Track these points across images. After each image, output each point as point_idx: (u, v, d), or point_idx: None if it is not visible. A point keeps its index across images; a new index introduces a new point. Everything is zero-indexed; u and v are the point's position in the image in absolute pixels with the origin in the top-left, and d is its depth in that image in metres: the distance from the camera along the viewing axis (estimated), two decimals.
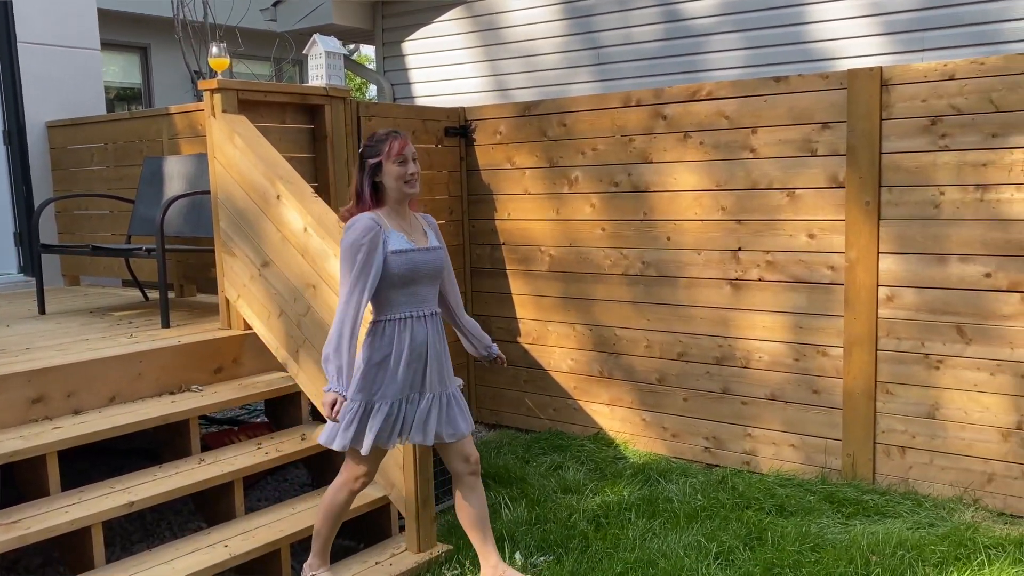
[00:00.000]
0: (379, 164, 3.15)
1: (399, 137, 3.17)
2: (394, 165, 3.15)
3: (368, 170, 3.16)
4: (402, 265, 3.14)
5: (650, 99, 4.79)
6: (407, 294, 3.20)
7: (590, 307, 5.20)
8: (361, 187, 3.18)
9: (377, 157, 3.15)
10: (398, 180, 3.16)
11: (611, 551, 3.74)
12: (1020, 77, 3.77)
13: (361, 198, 3.19)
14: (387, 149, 3.14)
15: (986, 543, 3.56)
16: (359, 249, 3.07)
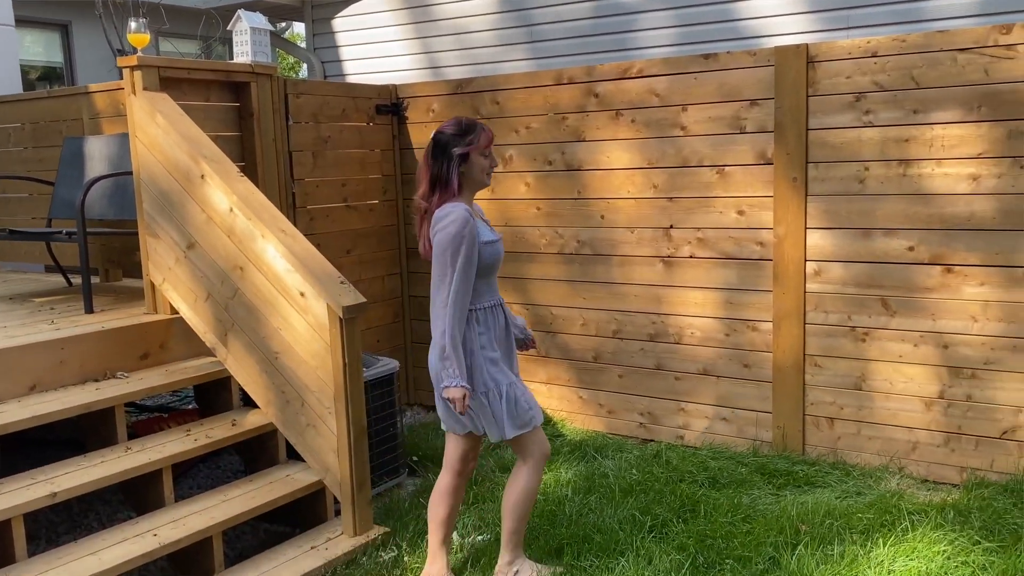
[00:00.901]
0: (466, 155, 3.11)
1: (486, 129, 3.17)
2: (481, 157, 3.15)
3: (456, 159, 3.11)
4: (491, 255, 3.16)
5: (582, 77, 4.78)
6: (489, 283, 3.23)
7: (526, 286, 5.20)
8: (449, 176, 3.11)
9: (466, 148, 3.11)
10: (482, 172, 3.16)
11: (548, 528, 3.76)
12: (939, 54, 3.85)
13: (448, 188, 3.12)
14: (477, 141, 3.12)
15: (910, 509, 3.66)
16: (462, 241, 3.03)
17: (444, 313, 3.09)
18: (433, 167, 3.14)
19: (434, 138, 3.16)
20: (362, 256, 5.37)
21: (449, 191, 3.11)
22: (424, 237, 3.20)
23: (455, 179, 3.10)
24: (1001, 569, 3.12)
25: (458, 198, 3.12)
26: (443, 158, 3.12)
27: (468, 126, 3.15)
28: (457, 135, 3.12)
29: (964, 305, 3.95)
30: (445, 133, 3.15)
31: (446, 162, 3.11)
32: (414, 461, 4.64)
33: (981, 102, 3.80)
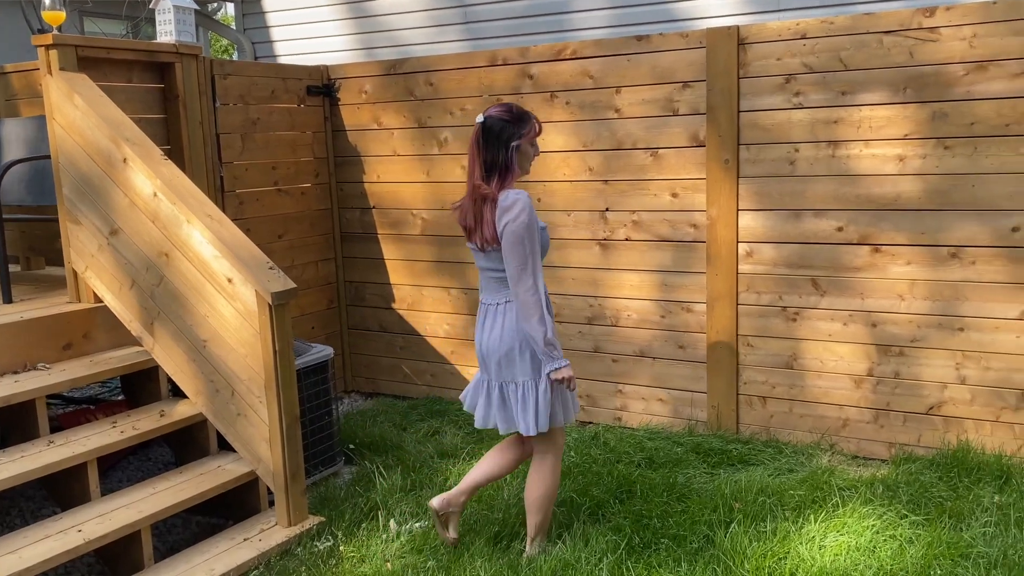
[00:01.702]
0: (520, 144, 3.14)
1: (535, 119, 3.20)
2: (530, 147, 3.18)
3: (513, 148, 3.12)
4: (545, 241, 3.20)
5: (516, 58, 4.74)
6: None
7: (465, 271, 5.16)
8: (509, 163, 3.13)
9: (520, 138, 3.13)
10: (528, 161, 3.20)
11: (486, 513, 3.74)
12: (866, 36, 3.90)
13: (510, 175, 3.14)
14: (529, 131, 3.15)
15: (840, 485, 3.73)
16: (534, 227, 3.07)
17: (533, 300, 3.08)
18: (487, 153, 3.13)
19: (486, 124, 3.14)
20: (294, 241, 5.27)
21: (511, 178, 3.14)
22: (488, 223, 3.12)
23: (515, 166, 3.14)
24: (927, 542, 3.20)
25: (513, 183, 3.17)
26: (499, 145, 3.12)
27: (522, 115, 3.17)
28: (512, 123, 3.13)
29: (891, 284, 4.03)
30: (498, 120, 3.13)
31: (503, 149, 3.12)
32: (351, 449, 4.58)
33: (906, 84, 3.86)
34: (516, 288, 3.10)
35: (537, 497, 3.32)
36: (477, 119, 3.15)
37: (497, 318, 3.24)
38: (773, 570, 3.12)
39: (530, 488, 3.34)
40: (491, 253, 3.18)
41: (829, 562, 3.14)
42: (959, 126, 3.79)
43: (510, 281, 3.12)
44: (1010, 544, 3.12)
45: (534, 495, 3.33)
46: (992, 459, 3.83)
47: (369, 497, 3.98)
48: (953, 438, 4.00)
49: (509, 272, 3.10)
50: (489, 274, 3.25)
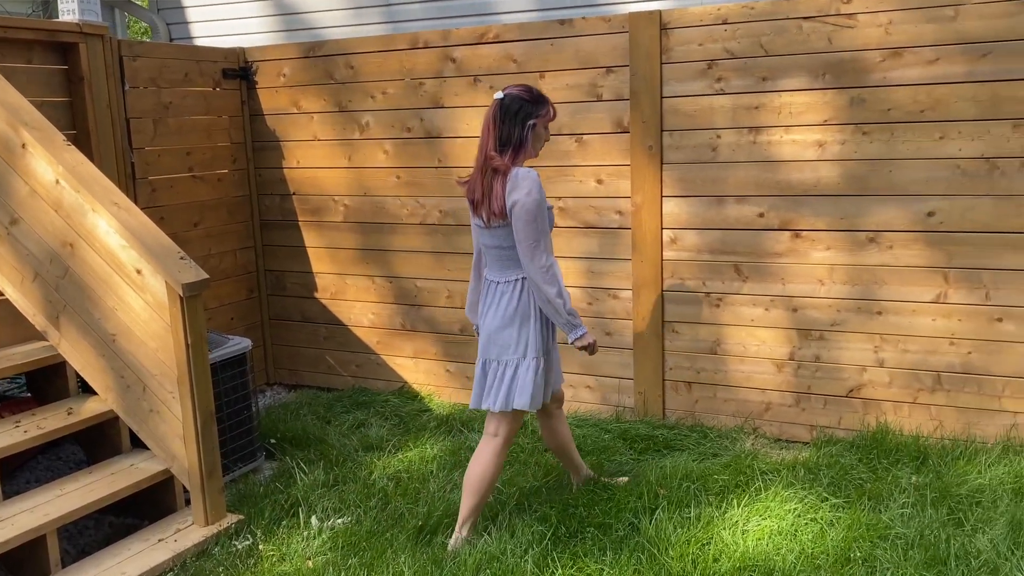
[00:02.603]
0: (535, 124, 3.19)
1: (551, 103, 3.25)
2: (544, 129, 3.24)
3: (529, 127, 3.17)
4: (551, 221, 3.24)
5: (438, 41, 4.64)
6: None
7: (389, 259, 5.05)
8: (524, 141, 3.18)
9: (537, 118, 3.19)
10: (540, 142, 3.26)
11: (411, 506, 3.67)
12: (786, 22, 3.91)
13: (523, 152, 3.19)
14: (546, 113, 3.21)
15: (763, 469, 3.76)
16: (540, 206, 3.10)
17: (548, 276, 3.13)
18: (503, 129, 3.17)
19: (504, 101, 3.18)
20: (211, 229, 5.09)
21: (523, 155, 3.19)
22: (497, 196, 3.13)
23: (529, 144, 3.20)
24: (847, 524, 3.24)
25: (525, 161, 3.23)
26: (515, 122, 3.17)
27: (540, 96, 3.21)
28: (531, 102, 3.18)
29: (811, 269, 4.07)
30: (517, 98, 3.18)
31: (519, 126, 3.17)
32: (272, 444, 4.45)
33: (825, 70, 3.89)
34: (530, 265, 3.12)
35: (477, 477, 3.31)
36: (496, 96, 3.19)
37: (496, 297, 3.26)
38: (697, 557, 3.13)
39: (472, 467, 3.33)
40: (496, 229, 3.17)
41: (752, 547, 3.16)
42: (876, 112, 3.83)
43: (523, 258, 3.13)
44: (926, 524, 3.18)
45: (475, 475, 3.32)
46: (910, 440, 3.91)
47: (290, 493, 3.87)
48: (872, 420, 4.07)
49: (522, 250, 3.12)
50: (493, 251, 3.24)
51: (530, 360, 3.21)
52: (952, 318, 3.87)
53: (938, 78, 3.72)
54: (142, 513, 3.78)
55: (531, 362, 3.21)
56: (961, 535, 3.12)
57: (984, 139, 3.69)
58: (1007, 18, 3.58)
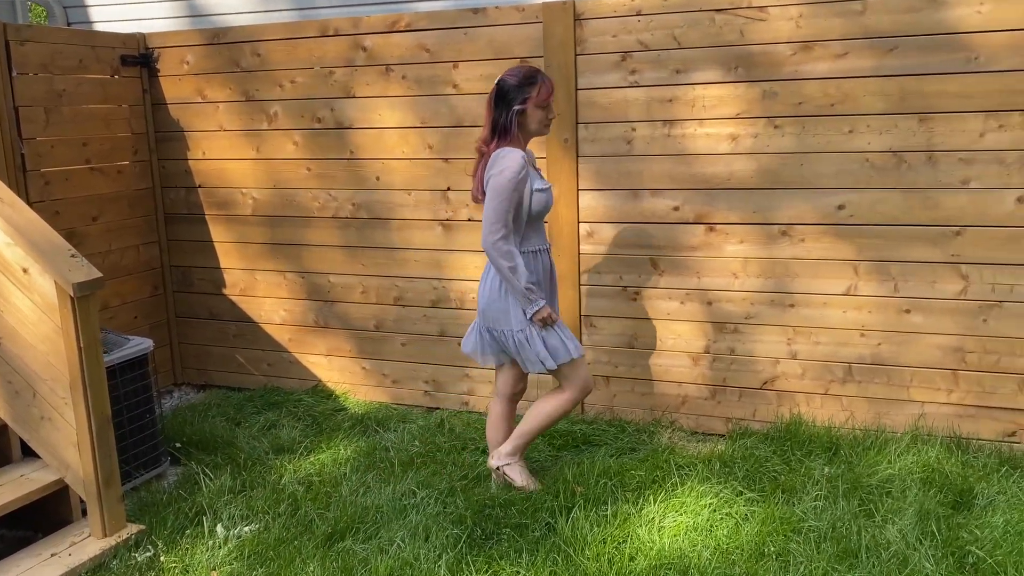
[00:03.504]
0: (525, 108, 3.25)
1: (546, 82, 3.29)
2: (539, 110, 3.28)
3: (515, 111, 3.26)
4: (541, 203, 3.33)
5: (348, 29, 4.49)
6: (536, 228, 3.41)
7: (300, 253, 4.89)
8: (508, 124, 3.27)
9: (524, 101, 3.25)
10: (539, 124, 3.31)
11: (322, 511, 3.55)
12: (698, 14, 3.89)
13: (507, 135, 3.28)
14: (535, 94, 3.24)
15: (680, 463, 3.76)
16: (515, 185, 3.20)
17: (500, 252, 3.24)
18: (495, 114, 3.29)
19: (498, 85, 3.30)
20: (111, 224, 4.84)
21: (507, 139, 3.28)
22: (479, 180, 3.33)
23: (514, 129, 3.27)
24: (761, 518, 3.24)
25: (517, 144, 3.29)
26: (502, 108, 3.28)
27: (528, 78, 3.27)
28: (518, 86, 3.26)
29: (726, 262, 4.07)
30: (508, 83, 3.28)
31: (504, 112, 3.27)
32: (177, 448, 4.26)
33: (738, 63, 3.88)
34: (486, 239, 3.25)
35: (540, 412, 3.54)
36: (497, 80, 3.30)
37: (487, 272, 3.44)
38: (613, 556, 3.09)
39: (539, 403, 3.57)
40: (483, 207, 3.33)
41: (668, 544, 3.14)
42: (788, 105, 3.85)
43: (483, 231, 3.25)
44: (838, 517, 3.21)
45: (538, 409, 3.55)
46: (822, 431, 3.96)
47: (195, 500, 3.71)
48: (786, 412, 4.11)
49: (483, 222, 3.25)
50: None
51: (528, 330, 3.36)
52: (862, 310, 3.92)
53: (847, 72, 3.75)
54: (36, 525, 3.57)
55: (530, 330, 3.36)
56: (872, 526, 3.16)
57: (892, 133, 3.74)
58: (913, 13, 3.62)
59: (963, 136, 3.65)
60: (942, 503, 3.27)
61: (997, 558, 2.86)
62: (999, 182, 3.63)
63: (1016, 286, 3.68)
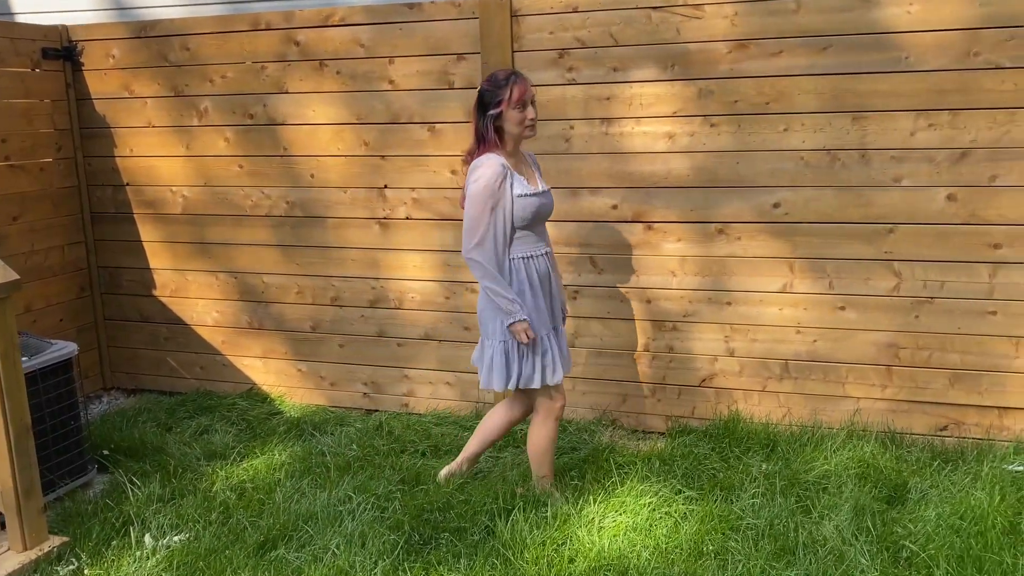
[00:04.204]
0: (500, 112, 3.19)
1: (518, 82, 3.20)
2: (514, 111, 3.20)
3: (490, 116, 3.21)
4: (525, 208, 3.22)
5: (281, 23, 4.38)
6: (527, 235, 3.29)
7: (233, 253, 4.76)
8: (485, 131, 3.23)
9: (498, 105, 3.19)
10: (519, 125, 3.22)
11: (255, 519, 3.45)
12: (635, 12, 3.88)
13: (487, 143, 3.23)
14: (507, 96, 3.17)
15: (620, 462, 3.74)
16: (491, 192, 3.16)
17: (477, 261, 3.21)
18: (476, 122, 3.26)
19: (477, 92, 3.27)
20: (34, 223, 4.65)
21: (487, 146, 3.23)
22: (463, 187, 3.31)
23: (491, 134, 3.22)
24: (700, 516, 3.24)
25: (499, 150, 3.23)
26: (479, 115, 3.24)
27: (500, 81, 3.21)
28: (489, 90, 3.22)
29: (664, 261, 4.07)
30: (483, 88, 3.25)
31: (481, 119, 3.23)
32: (105, 456, 4.11)
33: (674, 61, 3.88)
34: (464, 246, 3.22)
35: (532, 452, 3.48)
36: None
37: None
38: (552, 559, 3.06)
39: (528, 443, 3.51)
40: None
41: (607, 545, 3.11)
42: (724, 104, 3.85)
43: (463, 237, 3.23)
44: (776, 514, 3.22)
45: (530, 450, 3.49)
46: (760, 428, 3.98)
47: (122, 510, 3.58)
48: (724, 409, 4.12)
49: (464, 228, 3.23)
50: None
51: (497, 342, 3.30)
52: (798, 307, 3.95)
53: (782, 70, 3.77)
54: None
55: (498, 344, 3.30)
56: (809, 523, 3.18)
57: (826, 131, 3.77)
58: (845, 13, 3.66)
59: (895, 135, 3.69)
60: (877, 498, 3.31)
61: (930, 552, 2.90)
62: (929, 180, 3.69)
63: (947, 282, 3.74)
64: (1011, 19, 3.48)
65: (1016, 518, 3.09)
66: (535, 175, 3.39)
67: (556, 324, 3.44)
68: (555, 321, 3.44)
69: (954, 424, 3.85)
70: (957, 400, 3.82)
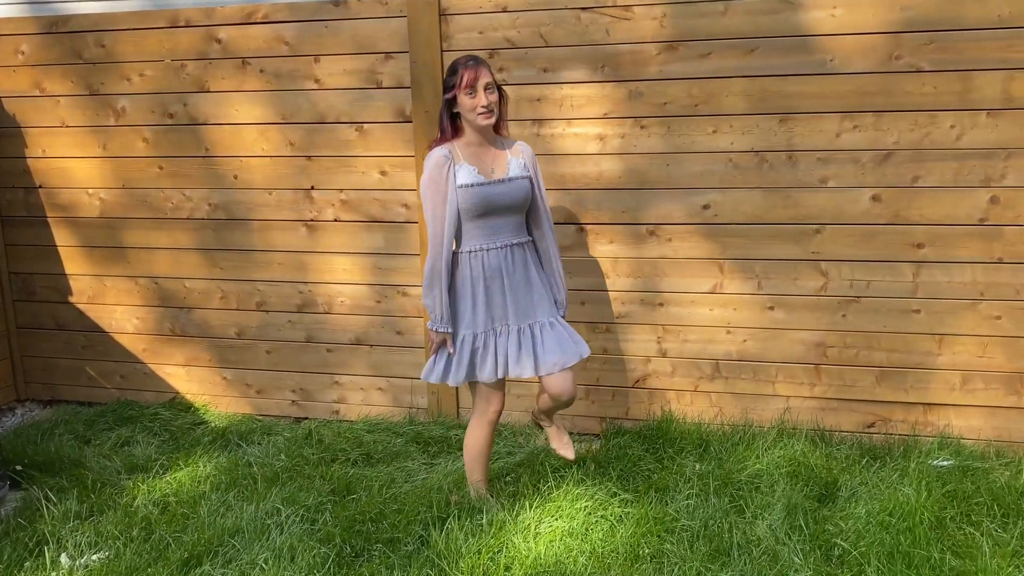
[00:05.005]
0: (454, 97, 3.13)
1: (469, 67, 3.12)
2: (466, 97, 3.12)
3: (445, 103, 3.17)
4: (468, 199, 3.14)
5: (201, 20, 4.23)
6: (479, 227, 3.19)
7: (153, 257, 4.59)
8: (441, 119, 3.21)
9: (451, 90, 3.13)
10: (471, 112, 3.13)
11: (178, 535, 3.32)
12: (564, 12, 3.85)
13: (442, 131, 3.21)
14: (458, 81, 3.11)
15: (554, 466, 3.71)
16: (431, 184, 3.14)
17: (428, 257, 3.18)
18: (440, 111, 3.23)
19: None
20: None
21: (444, 134, 3.20)
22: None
23: (446, 124, 3.19)
24: (636, 519, 3.23)
25: (459, 139, 3.20)
26: (441, 105, 3.21)
27: (455, 67, 3.15)
28: (447, 77, 3.16)
29: (597, 263, 4.06)
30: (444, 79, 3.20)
31: (441, 108, 3.20)
32: (18, 471, 3.92)
33: (604, 62, 3.86)
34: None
35: (465, 456, 3.44)
36: None
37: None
38: (488, 568, 3.01)
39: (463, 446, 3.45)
40: None
41: (544, 551, 3.08)
42: (654, 105, 3.85)
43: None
44: (710, 515, 3.23)
45: (464, 454, 3.45)
46: (693, 428, 4.00)
47: (36, 528, 3.41)
48: (657, 410, 4.13)
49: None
50: None
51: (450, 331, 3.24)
52: (728, 307, 3.98)
53: (710, 72, 3.79)
54: None
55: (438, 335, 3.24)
56: (743, 523, 3.19)
57: (753, 133, 3.80)
58: (772, 15, 3.69)
59: (821, 136, 3.74)
60: (808, 496, 3.34)
61: (861, 549, 2.94)
62: (855, 181, 3.75)
63: (872, 282, 3.81)
64: (930, 23, 3.56)
65: (942, 513, 3.16)
66: (507, 164, 3.22)
67: (514, 322, 3.25)
68: (515, 319, 3.24)
69: (881, 421, 3.93)
70: (883, 397, 3.90)
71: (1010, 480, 3.45)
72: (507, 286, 3.24)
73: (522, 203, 3.25)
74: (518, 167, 3.26)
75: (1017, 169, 3.59)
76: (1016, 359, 3.74)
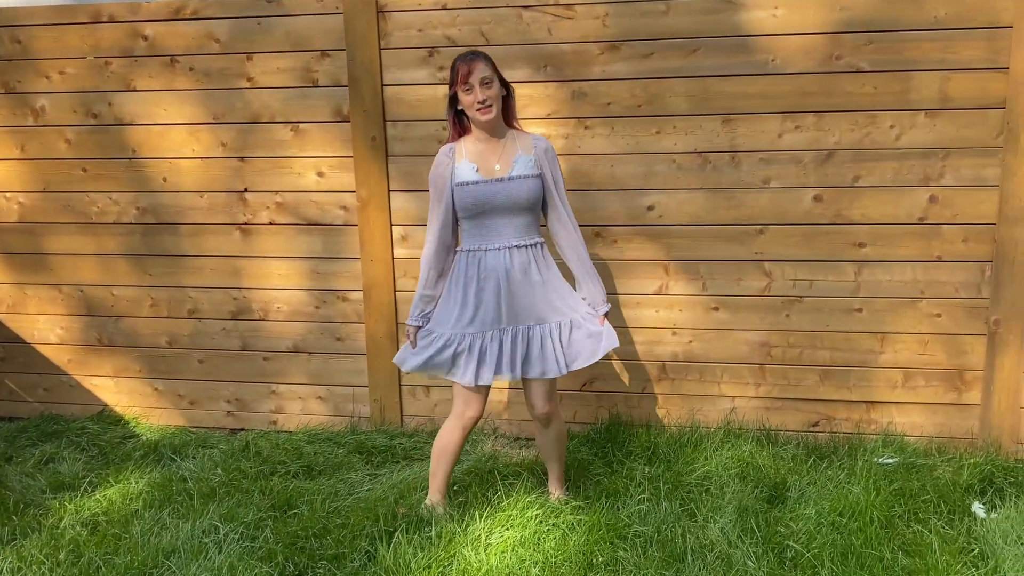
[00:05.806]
0: (455, 94, 3.09)
1: (463, 62, 3.05)
2: (463, 93, 3.06)
3: (448, 101, 3.14)
4: (465, 198, 3.10)
5: (126, 15, 4.05)
6: (476, 226, 3.14)
7: (78, 264, 4.38)
8: (448, 117, 3.18)
9: (452, 87, 3.09)
10: (470, 108, 3.07)
11: (109, 557, 3.15)
12: (505, 10, 3.78)
13: (453, 130, 3.18)
14: (457, 79, 3.06)
15: (504, 472, 3.64)
16: (430, 183, 3.16)
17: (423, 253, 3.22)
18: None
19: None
20: None
21: (452, 134, 3.17)
22: None
23: (451, 119, 3.16)
24: (588, 526, 3.17)
25: (467, 136, 3.16)
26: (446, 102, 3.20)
27: (454, 63, 3.09)
28: (450, 78, 3.11)
29: None
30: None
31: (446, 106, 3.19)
32: None
33: (547, 61, 3.80)
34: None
35: (432, 452, 3.39)
36: None
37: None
38: None
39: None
40: None
41: (496, 563, 3.00)
42: (597, 106, 3.81)
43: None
44: (662, 519, 3.19)
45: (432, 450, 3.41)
46: (641, 430, 3.97)
47: None
48: (605, 413, 4.10)
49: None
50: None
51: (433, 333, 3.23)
52: (673, 309, 3.96)
53: (653, 72, 3.76)
54: None
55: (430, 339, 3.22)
56: (695, 527, 3.16)
57: (696, 134, 3.79)
58: (713, 15, 3.68)
59: (763, 137, 3.75)
60: (759, 498, 3.34)
61: (814, 551, 2.93)
62: (797, 181, 3.76)
63: (815, 281, 3.83)
64: (869, 24, 3.59)
65: (891, 511, 3.18)
66: (512, 161, 3.11)
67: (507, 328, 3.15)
68: (508, 324, 3.14)
69: (825, 420, 3.95)
70: (827, 396, 3.93)
71: (953, 476, 3.50)
72: (503, 290, 3.12)
73: (526, 203, 3.12)
74: (524, 165, 3.13)
75: (955, 168, 3.65)
76: (956, 356, 3.80)
